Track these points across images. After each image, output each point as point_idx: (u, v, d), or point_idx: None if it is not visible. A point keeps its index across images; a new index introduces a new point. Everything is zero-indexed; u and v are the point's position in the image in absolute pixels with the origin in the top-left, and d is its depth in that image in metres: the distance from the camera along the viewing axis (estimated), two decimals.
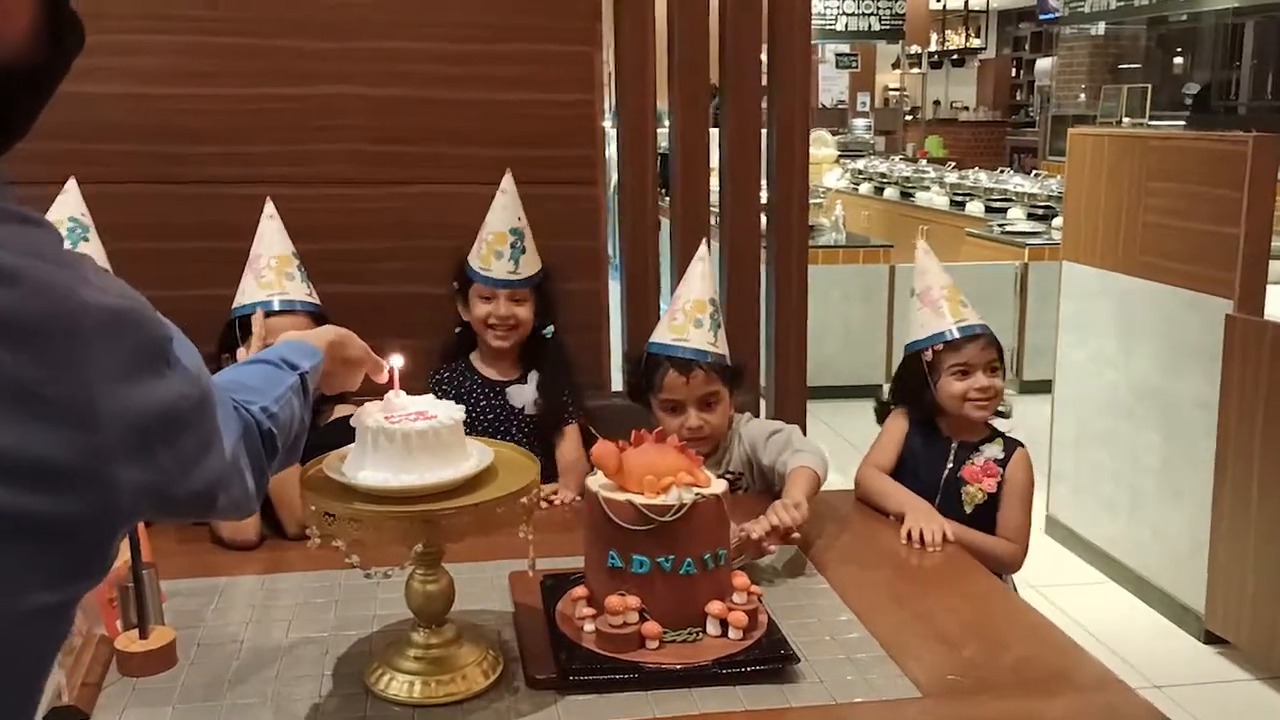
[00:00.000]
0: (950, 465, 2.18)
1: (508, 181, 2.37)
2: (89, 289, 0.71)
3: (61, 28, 0.75)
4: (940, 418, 2.20)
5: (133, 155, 2.40)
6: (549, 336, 2.44)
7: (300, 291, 2.14)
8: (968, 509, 2.14)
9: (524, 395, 2.40)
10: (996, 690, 1.48)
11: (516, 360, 2.44)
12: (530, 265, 2.39)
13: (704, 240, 2.31)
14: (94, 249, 2.09)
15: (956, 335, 2.15)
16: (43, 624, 0.72)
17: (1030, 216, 6.88)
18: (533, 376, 2.43)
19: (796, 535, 1.82)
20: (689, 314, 2.11)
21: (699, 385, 2.10)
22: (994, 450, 2.18)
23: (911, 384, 2.21)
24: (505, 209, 2.37)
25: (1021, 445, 2.21)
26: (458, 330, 2.46)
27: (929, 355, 2.17)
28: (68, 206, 2.10)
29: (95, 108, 2.34)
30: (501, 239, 2.36)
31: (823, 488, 2.03)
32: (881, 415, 2.30)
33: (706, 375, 2.10)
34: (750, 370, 2.61)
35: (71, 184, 2.12)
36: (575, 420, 2.43)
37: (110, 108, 2.37)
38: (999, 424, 2.24)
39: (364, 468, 1.39)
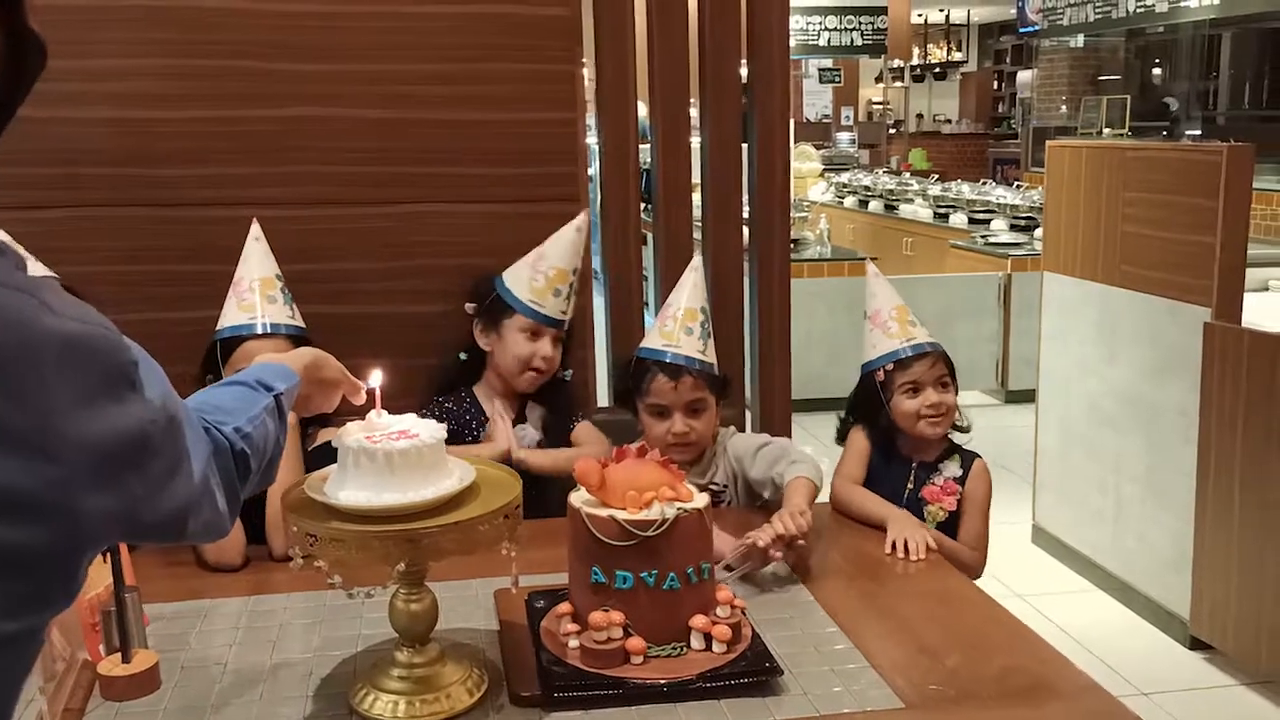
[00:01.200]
0: (911, 486, 2.23)
1: (584, 219, 2.30)
2: (48, 315, 0.71)
3: (23, 49, 0.74)
4: (899, 437, 2.25)
5: (116, 178, 2.40)
6: (567, 379, 2.35)
7: (283, 315, 2.13)
8: (931, 526, 2.17)
9: (528, 436, 2.28)
10: (980, 700, 1.49)
11: (518, 398, 2.32)
12: (572, 308, 2.32)
13: (697, 252, 2.33)
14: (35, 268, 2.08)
15: (907, 354, 2.21)
16: (7, 653, 0.71)
17: (1013, 227, 6.92)
18: (532, 411, 2.32)
19: (801, 542, 1.83)
20: (680, 321, 2.14)
21: (686, 391, 2.12)
22: (953, 469, 2.23)
23: (868, 404, 2.27)
24: (575, 247, 2.28)
25: (979, 457, 2.26)
26: (463, 357, 2.34)
27: (881, 375, 2.24)
28: None
29: (79, 132, 2.35)
30: (563, 277, 2.27)
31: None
32: (842, 434, 2.33)
33: (694, 381, 2.12)
34: (735, 384, 2.63)
35: None
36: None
37: (94, 132, 2.37)
38: (957, 438, 2.28)
39: (345, 487, 1.39)
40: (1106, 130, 9.53)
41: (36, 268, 2.07)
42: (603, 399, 2.72)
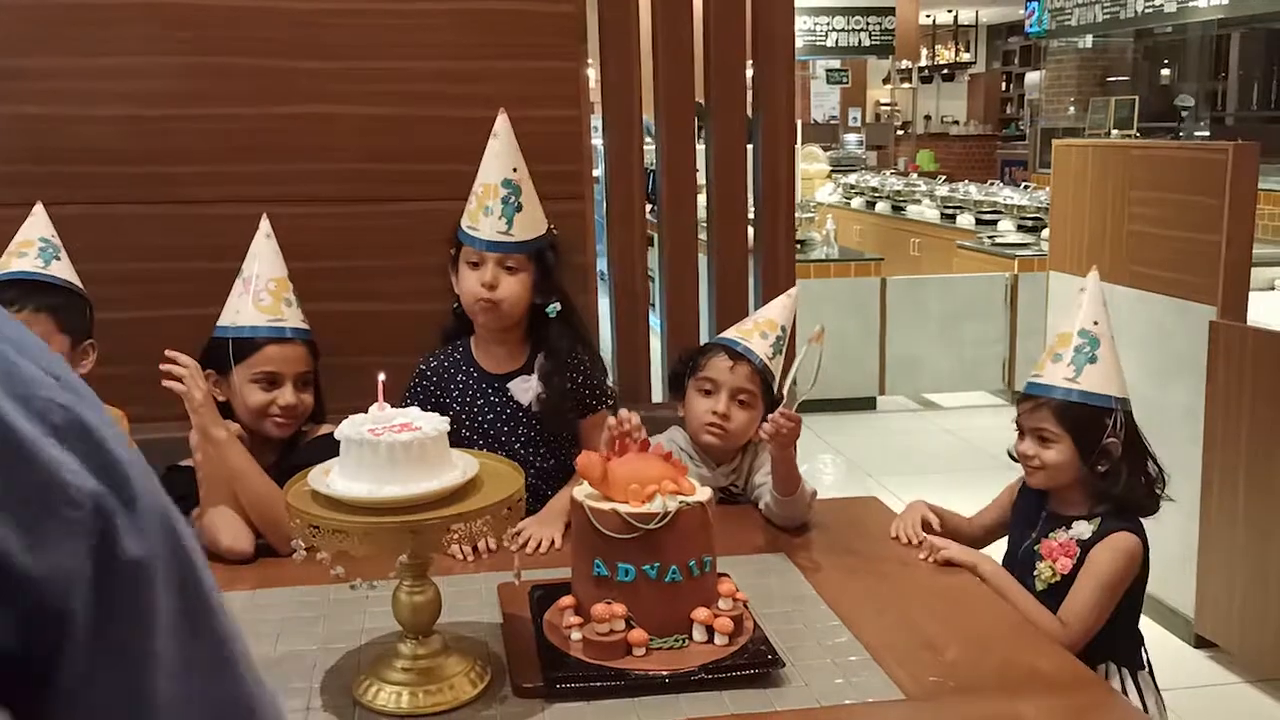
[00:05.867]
0: (1034, 535, 2.00)
1: (501, 123, 2.04)
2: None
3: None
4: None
5: (126, 176, 2.42)
6: (553, 315, 2.08)
7: (296, 318, 2.09)
8: (1039, 586, 1.94)
9: (530, 389, 2.09)
10: (980, 691, 1.50)
11: (520, 345, 2.12)
12: (528, 228, 2.03)
13: (796, 284, 2.31)
14: (64, 268, 2.09)
15: (1023, 393, 2.12)
16: None
17: (1020, 228, 6.92)
18: (539, 364, 2.10)
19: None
20: (758, 325, 2.18)
21: (741, 377, 2.11)
22: (1081, 529, 1.94)
23: None
24: (498, 156, 2.03)
25: (1126, 531, 1.92)
26: (455, 308, 2.13)
27: None
28: (36, 228, 2.09)
29: (88, 130, 2.37)
30: (491, 191, 2.01)
31: (819, 495, 2.10)
32: None
33: (750, 373, 2.11)
34: None
35: (39, 208, 2.12)
36: (606, 407, 2.11)
37: (103, 130, 2.39)
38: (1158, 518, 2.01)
39: (348, 479, 1.41)
40: (1114, 131, 9.51)
41: (66, 268, 2.10)
42: None
